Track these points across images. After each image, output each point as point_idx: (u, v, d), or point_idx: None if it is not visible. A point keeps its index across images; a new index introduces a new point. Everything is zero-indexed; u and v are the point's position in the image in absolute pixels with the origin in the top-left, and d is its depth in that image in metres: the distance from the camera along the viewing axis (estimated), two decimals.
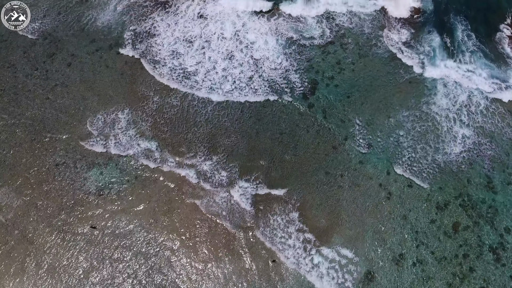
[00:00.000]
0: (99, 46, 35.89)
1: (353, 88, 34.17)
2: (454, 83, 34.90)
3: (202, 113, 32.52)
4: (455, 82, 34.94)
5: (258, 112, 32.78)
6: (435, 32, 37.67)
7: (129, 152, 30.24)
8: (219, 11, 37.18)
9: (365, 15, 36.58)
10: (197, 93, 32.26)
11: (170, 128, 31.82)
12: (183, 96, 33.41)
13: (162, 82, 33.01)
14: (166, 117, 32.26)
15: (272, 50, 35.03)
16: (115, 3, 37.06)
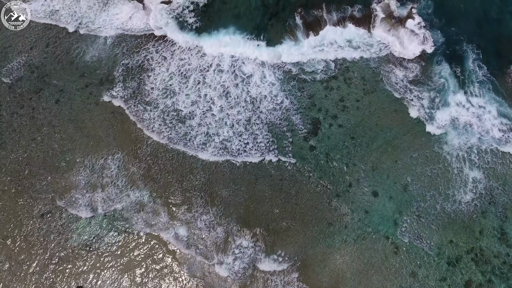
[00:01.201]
0: (89, 81, 33.23)
1: (357, 128, 31.55)
2: (465, 124, 32.21)
3: (199, 159, 29.90)
4: (465, 123, 32.25)
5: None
6: (445, 63, 34.99)
7: (117, 206, 27.59)
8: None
9: (372, 53, 33.80)
10: (190, 151, 29.43)
11: (164, 175, 29.23)
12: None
13: (151, 137, 30.09)
14: (160, 162, 29.69)
15: (270, 86, 32.27)
16: (106, 34, 34.11)
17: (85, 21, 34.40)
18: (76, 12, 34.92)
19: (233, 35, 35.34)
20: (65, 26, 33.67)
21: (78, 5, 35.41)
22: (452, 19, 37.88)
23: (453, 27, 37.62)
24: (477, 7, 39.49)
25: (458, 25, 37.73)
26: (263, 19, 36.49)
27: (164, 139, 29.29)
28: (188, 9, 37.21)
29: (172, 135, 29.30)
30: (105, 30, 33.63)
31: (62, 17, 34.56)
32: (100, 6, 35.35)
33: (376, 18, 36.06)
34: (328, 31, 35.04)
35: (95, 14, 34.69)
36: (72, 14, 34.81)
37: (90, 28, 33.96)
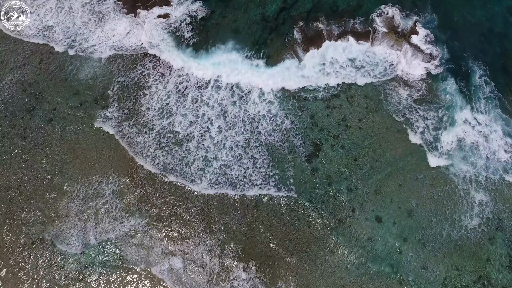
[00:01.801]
0: (83, 100, 31.82)
1: (360, 150, 30.20)
2: (471, 144, 30.86)
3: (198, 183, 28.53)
4: (472, 143, 30.90)
5: None
6: (451, 79, 33.66)
7: (110, 236, 26.22)
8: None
9: (377, 74, 32.40)
10: (187, 184, 27.99)
11: (161, 201, 27.85)
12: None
13: (144, 166, 28.65)
14: (157, 186, 28.32)
15: (268, 104, 30.87)
16: (100, 55, 32.65)
17: (79, 38, 32.95)
18: (69, 28, 33.46)
19: (231, 51, 33.90)
20: (54, 46, 31.99)
21: (72, 21, 33.84)
22: (456, 33, 36.59)
23: (458, 41, 36.32)
24: (482, 20, 38.17)
25: (463, 39, 36.45)
26: (262, 33, 35.12)
27: (158, 166, 27.75)
28: (186, 22, 35.73)
29: (168, 160, 27.83)
30: (99, 49, 32.12)
31: (55, 34, 32.98)
32: (96, 22, 33.93)
33: (379, 34, 34.57)
34: (329, 48, 33.61)
35: (89, 30, 33.27)
36: (65, 30, 33.28)
37: (83, 47, 32.47)
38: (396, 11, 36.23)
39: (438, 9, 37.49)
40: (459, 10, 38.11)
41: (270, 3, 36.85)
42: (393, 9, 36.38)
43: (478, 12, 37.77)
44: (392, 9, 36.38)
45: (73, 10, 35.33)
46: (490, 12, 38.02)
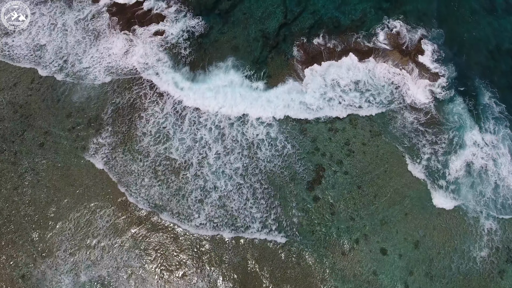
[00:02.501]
0: (76, 122, 30.28)
1: (364, 176, 28.70)
2: (480, 168, 29.32)
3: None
4: (481, 167, 29.36)
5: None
6: (459, 99, 32.11)
7: (102, 272, 24.71)
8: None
9: (383, 99, 30.82)
10: (182, 225, 26.45)
11: (157, 233, 26.32)
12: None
13: (137, 205, 27.07)
14: (153, 223, 26.75)
15: (267, 127, 29.28)
16: (94, 81, 31.05)
17: (72, 59, 31.38)
18: (62, 48, 31.85)
19: (230, 70, 32.33)
20: (40, 69, 30.36)
21: (65, 39, 32.26)
22: (463, 49, 35.06)
23: (465, 58, 34.79)
24: (489, 36, 36.64)
25: (469, 56, 34.92)
26: (262, 51, 33.58)
27: (152, 202, 26.20)
28: (183, 38, 34.16)
29: (163, 191, 26.28)
30: (93, 72, 30.53)
31: (46, 54, 31.38)
32: (91, 40, 32.30)
33: (383, 52, 32.96)
34: (330, 67, 32.05)
35: (83, 50, 31.62)
36: (57, 50, 31.68)
37: (75, 69, 30.86)
38: (401, 24, 34.59)
39: (444, 25, 35.91)
40: (465, 25, 36.56)
41: (270, 19, 35.30)
42: (398, 22, 34.70)
43: (485, 28, 36.17)
44: (396, 23, 34.70)
45: (67, 28, 33.70)
46: (497, 28, 36.40)
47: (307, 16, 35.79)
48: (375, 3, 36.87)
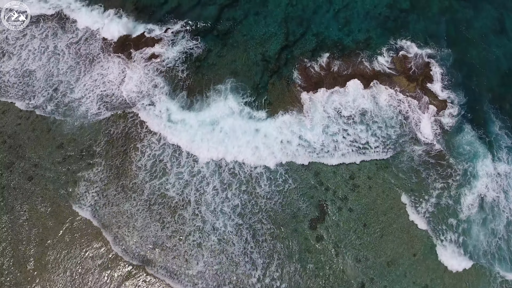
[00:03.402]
0: (67, 154, 28.49)
1: (370, 213, 26.86)
2: (492, 201, 27.43)
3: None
4: (493, 200, 27.47)
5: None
6: (469, 127, 30.11)
7: None
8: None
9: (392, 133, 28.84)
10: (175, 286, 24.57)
11: None
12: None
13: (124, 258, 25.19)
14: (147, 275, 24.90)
15: (265, 158, 27.35)
16: (88, 104, 29.20)
17: (63, 87, 29.49)
18: (53, 74, 29.96)
19: (229, 95, 30.45)
20: (18, 103, 28.49)
21: (56, 65, 30.38)
22: (473, 74, 33.12)
23: (475, 83, 32.77)
24: (500, 59, 34.71)
25: (480, 81, 33.03)
26: (263, 76, 31.71)
27: (144, 249, 24.33)
28: (180, 61, 32.31)
29: (159, 234, 24.42)
30: (85, 103, 28.67)
31: (36, 81, 29.51)
32: (85, 66, 30.38)
33: (388, 78, 31.03)
34: (333, 96, 30.12)
35: (77, 77, 29.73)
36: (48, 77, 29.81)
37: (65, 101, 28.98)
38: (407, 47, 32.67)
39: (452, 47, 34.03)
40: (475, 48, 34.61)
41: (271, 41, 33.45)
42: (404, 44, 32.77)
43: (495, 51, 34.21)
44: (403, 44, 32.77)
45: (58, 51, 31.80)
46: (508, 51, 34.44)
47: (309, 38, 33.91)
48: (380, 23, 35.00)
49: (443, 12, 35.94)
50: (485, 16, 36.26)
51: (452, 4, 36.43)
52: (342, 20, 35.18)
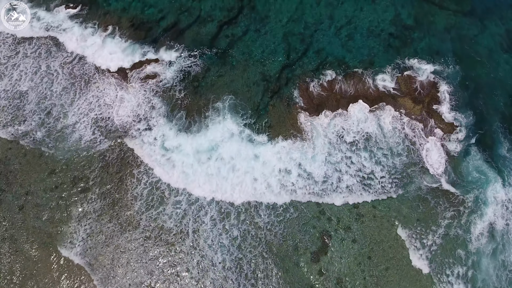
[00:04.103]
0: (60, 181, 27.04)
1: (375, 245, 25.56)
2: (503, 229, 26.08)
3: None
4: (503, 228, 26.12)
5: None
6: (477, 151, 28.68)
7: None
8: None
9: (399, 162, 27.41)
10: None
11: None
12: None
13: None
14: None
15: (263, 194, 25.93)
16: (82, 130, 27.78)
17: (56, 112, 28.05)
18: (46, 96, 28.51)
19: (228, 114, 28.98)
20: (4, 132, 27.02)
21: (50, 86, 28.94)
22: (479, 91, 31.71)
23: (482, 101, 31.40)
24: (508, 76, 33.28)
25: (488, 101, 31.63)
26: (263, 97, 30.22)
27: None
28: (178, 79, 30.90)
29: (153, 274, 22.99)
30: (79, 129, 27.22)
31: (27, 105, 28.07)
32: (80, 88, 28.93)
33: (392, 100, 29.61)
34: (336, 118, 28.66)
35: (71, 100, 28.29)
36: (40, 99, 28.36)
37: (57, 127, 27.53)
38: (413, 66, 31.24)
39: (459, 64, 32.61)
40: (482, 65, 33.17)
41: (271, 59, 32.02)
42: (409, 63, 31.35)
43: (504, 69, 32.78)
44: (408, 63, 31.35)
45: (52, 71, 30.33)
46: None
47: (311, 56, 32.47)
48: (384, 40, 33.55)
49: (449, 29, 34.50)
50: (492, 33, 34.83)
51: (458, 20, 34.98)
52: (344, 37, 33.73)
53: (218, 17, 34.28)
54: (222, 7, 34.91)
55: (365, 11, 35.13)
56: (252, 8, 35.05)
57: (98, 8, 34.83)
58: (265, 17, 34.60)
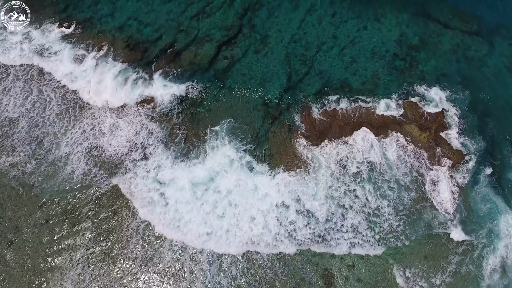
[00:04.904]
0: (50, 214, 25.58)
1: (381, 283, 23.93)
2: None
3: None
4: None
5: None
6: (486, 178, 27.29)
7: None
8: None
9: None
10: None
11: None
12: None
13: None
14: None
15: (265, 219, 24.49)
16: (74, 162, 26.29)
17: (48, 141, 26.56)
18: (38, 124, 27.02)
19: (226, 140, 27.53)
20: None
21: (42, 113, 27.44)
22: (488, 114, 30.40)
23: (491, 126, 30.05)
24: None
25: (496, 122, 30.24)
26: (263, 124, 28.76)
27: None
28: (176, 103, 29.47)
29: None
30: (72, 161, 25.72)
31: (16, 134, 26.56)
32: (74, 114, 27.39)
33: (400, 127, 28.14)
34: (339, 146, 27.21)
35: (65, 128, 26.78)
36: (31, 127, 26.86)
37: (48, 159, 25.98)
38: (418, 90, 29.79)
39: (466, 86, 31.18)
40: (490, 86, 31.76)
41: (272, 81, 30.64)
42: (415, 87, 29.87)
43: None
44: (414, 88, 29.89)
45: (44, 96, 28.84)
46: None
47: (313, 78, 31.04)
48: (389, 61, 32.09)
49: (455, 49, 33.11)
50: (500, 53, 33.43)
51: (465, 39, 33.56)
52: (347, 59, 32.27)
53: (216, 36, 32.80)
54: (221, 26, 33.42)
55: (369, 30, 33.67)
56: (252, 27, 33.54)
57: (93, 27, 33.32)
58: (265, 37, 33.12)
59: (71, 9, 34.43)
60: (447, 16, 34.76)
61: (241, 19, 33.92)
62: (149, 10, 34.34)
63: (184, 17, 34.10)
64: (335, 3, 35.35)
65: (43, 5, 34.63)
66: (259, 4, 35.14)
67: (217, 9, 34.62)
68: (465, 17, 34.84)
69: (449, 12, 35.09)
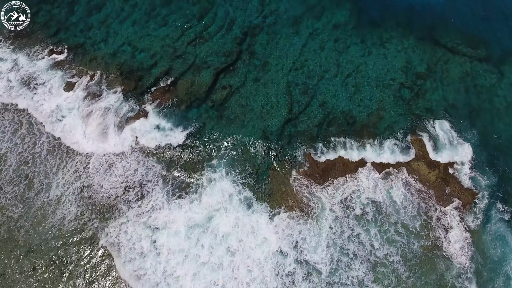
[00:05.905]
0: (38, 262, 23.91)
1: None
2: None
3: None
4: None
5: None
6: (497, 215, 25.66)
7: None
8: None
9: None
10: None
11: None
12: None
13: None
14: None
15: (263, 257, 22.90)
16: (67, 200, 24.67)
17: (38, 183, 24.89)
18: (28, 161, 25.36)
19: (223, 172, 25.91)
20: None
21: (32, 149, 25.77)
22: (499, 150, 28.91)
23: (502, 162, 28.42)
24: None
25: (507, 156, 28.57)
26: (263, 159, 27.15)
27: None
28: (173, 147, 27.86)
29: None
30: (63, 204, 24.07)
31: (3, 173, 24.92)
32: (67, 151, 25.70)
33: (407, 164, 26.52)
34: (343, 186, 25.69)
35: (57, 167, 25.13)
36: (21, 163, 25.19)
37: (37, 204, 24.36)
38: (427, 125, 28.23)
39: (476, 119, 29.54)
40: (501, 118, 30.14)
41: (272, 113, 29.05)
42: (423, 122, 28.30)
43: None
44: (422, 122, 28.31)
45: (34, 130, 27.17)
46: None
47: (315, 109, 29.41)
48: (395, 91, 30.44)
49: (464, 77, 31.40)
50: (510, 81, 31.67)
51: (473, 67, 31.85)
52: (351, 88, 30.61)
53: (214, 63, 31.14)
54: (219, 52, 31.74)
55: (373, 56, 31.98)
56: (251, 53, 31.85)
57: (85, 54, 31.68)
58: (265, 64, 31.45)
59: (62, 33, 32.70)
60: (455, 41, 33.04)
61: (240, 45, 32.26)
62: (144, 35, 32.63)
63: (181, 42, 32.45)
64: (338, 27, 33.63)
65: (33, 29, 32.94)
66: (259, 28, 33.45)
67: (215, 33, 32.96)
68: (473, 42, 33.14)
69: (457, 37, 33.37)
